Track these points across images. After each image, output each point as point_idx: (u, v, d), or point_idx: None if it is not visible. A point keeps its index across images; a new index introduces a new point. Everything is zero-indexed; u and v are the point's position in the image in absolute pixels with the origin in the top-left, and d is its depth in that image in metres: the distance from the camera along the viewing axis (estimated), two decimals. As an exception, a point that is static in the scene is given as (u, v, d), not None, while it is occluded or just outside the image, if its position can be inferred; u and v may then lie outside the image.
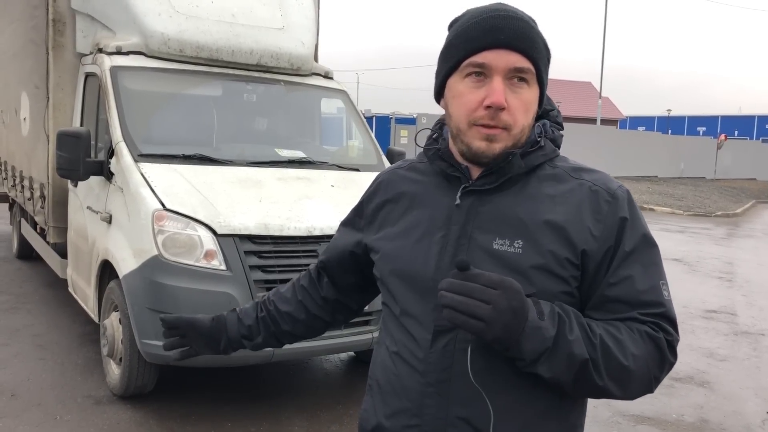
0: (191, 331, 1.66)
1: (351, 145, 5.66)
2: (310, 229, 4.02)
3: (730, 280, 9.43)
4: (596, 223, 1.28)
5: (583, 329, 1.22)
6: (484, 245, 1.30)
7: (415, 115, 21.72)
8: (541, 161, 1.35)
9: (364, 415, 1.46)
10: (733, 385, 5.19)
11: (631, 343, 1.23)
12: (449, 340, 1.29)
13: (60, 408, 4.07)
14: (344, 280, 1.62)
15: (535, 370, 1.21)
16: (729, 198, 24.18)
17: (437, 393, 1.29)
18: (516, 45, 1.26)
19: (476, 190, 1.33)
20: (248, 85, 5.14)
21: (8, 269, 7.64)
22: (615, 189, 1.32)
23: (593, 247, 1.27)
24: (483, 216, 1.32)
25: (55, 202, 5.36)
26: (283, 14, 5.25)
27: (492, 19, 1.28)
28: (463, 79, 1.30)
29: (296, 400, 4.40)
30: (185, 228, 3.84)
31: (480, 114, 1.27)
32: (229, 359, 3.86)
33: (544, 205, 1.30)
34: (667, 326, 1.28)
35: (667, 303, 1.30)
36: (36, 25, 5.65)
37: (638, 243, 1.29)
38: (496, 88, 1.25)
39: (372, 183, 1.57)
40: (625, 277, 1.27)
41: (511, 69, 1.26)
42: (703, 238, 13.92)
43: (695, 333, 6.52)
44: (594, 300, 1.29)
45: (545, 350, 1.18)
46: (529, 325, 1.17)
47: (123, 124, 4.39)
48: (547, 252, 1.26)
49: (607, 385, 1.22)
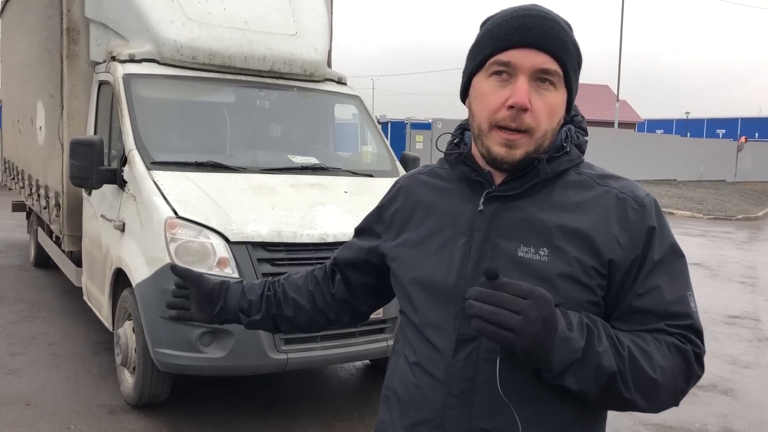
0: (194, 286, 1.62)
1: (365, 151, 5.61)
2: (323, 236, 3.98)
3: (753, 285, 9.25)
4: (623, 232, 1.25)
5: (612, 341, 1.19)
6: (508, 252, 1.26)
7: (430, 121, 21.64)
8: (567, 167, 1.31)
9: (380, 427, 1.43)
10: (758, 393, 5.06)
11: (659, 356, 1.21)
12: (473, 350, 1.26)
13: (74, 417, 4.06)
14: (357, 281, 1.59)
15: (562, 382, 1.17)
16: (750, 201, 23.82)
17: (460, 404, 1.26)
18: (544, 45, 1.22)
19: (500, 195, 1.30)
20: (261, 92, 5.11)
21: (25, 277, 7.68)
22: (642, 197, 1.28)
23: (620, 256, 1.24)
24: (507, 222, 1.28)
25: (69, 210, 5.37)
26: (296, 20, 5.23)
27: (522, 18, 1.24)
28: (488, 78, 1.26)
29: (311, 410, 4.35)
30: (198, 236, 3.81)
31: (502, 115, 1.23)
32: (243, 368, 3.84)
33: (570, 213, 1.27)
34: (694, 338, 1.25)
35: (695, 314, 1.27)
36: (51, 34, 5.68)
37: (666, 253, 1.26)
38: (519, 88, 1.21)
39: (391, 188, 1.53)
40: (653, 287, 1.24)
41: (537, 69, 1.22)
42: (724, 242, 13.70)
43: (717, 339, 6.39)
44: (620, 310, 1.26)
45: (574, 362, 1.15)
46: (559, 336, 1.13)
47: (136, 131, 4.39)
48: (574, 260, 1.23)
49: (635, 398, 1.20)
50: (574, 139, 1.34)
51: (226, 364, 3.73)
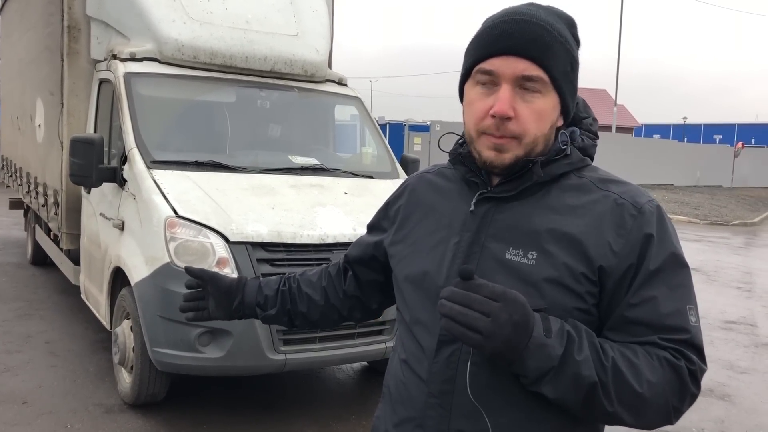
0: (212, 285, 1.64)
1: (365, 152, 5.61)
2: (323, 237, 3.97)
3: (750, 291, 9.27)
4: (617, 238, 1.20)
5: (595, 350, 1.14)
6: (496, 254, 1.25)
7: (428, 123, 21.66)
8: (566, 170, 1.28)
9: (376, 422, 1.45)
10: (755, 398, 5.07)
11: (648, 370, 1.15)
12: (453, 351, 1.24)
13: (71, 416, 4.04)
14: (367, 278, 1.61)
15: (539, 389, 1.15)
16: (746, 207, 23.87)
17: (439, 405, 1.26)
18: (524, 52, 1.21)
19: (494, 197, 1.29)
20: (262, 92, 5.11)
21: (22, 275, 7.66)
22: (642, 203, 1.24)
23: (612, 263, 1.19)
24: (498, 224, 1.27)
25: (68, 208, 5.36)
26: (297, 21, 5.23)
27: (504, 24, 1.23)
28: (474, 86, 1.27)
29: (309, 411, 4.34)
30: (197, 235, 3.80)
31: (487, 123, 1.23)
32: (241, 369, 3.83)
33: (563, 217, 1.24)
34: (690, 354, 1.19)
35: (693, 329, 1.20)
36: (51, 32, 5.67)
37: (665, 262, 1.20)
38: (501, 97, 1.21)
39: (400, 186, 1.55)
40: (648, 298, 1.19)
41: (519, 77, 1.21)
42: (720, 247, 13.73)
43: (714, 344, 6.40)
44: (612, 320, 1.22)
45: (550, 369, 1.12)
46: (534, 342, 1.10)
47: (136, 130, 4.38)
48: (562, 265, 1.20)
49: (618, 412, 1.14)
50: (578, 142, 1.31)
51: (224, 364, 3.72)
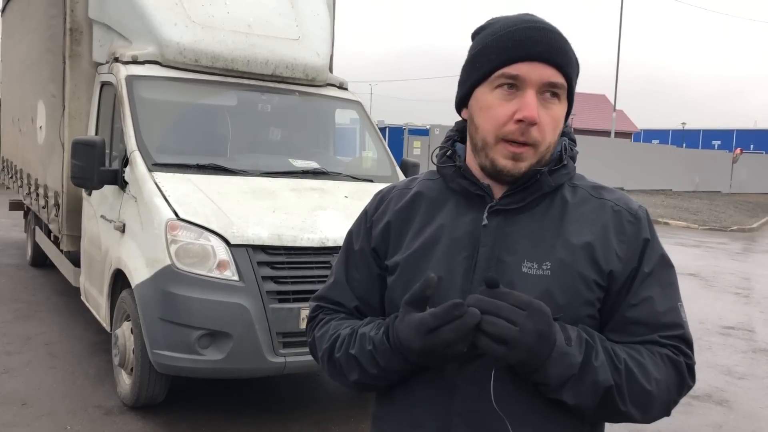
0: None
1: (365, 156, 5.63)
2: (323, 241, 3.99)
3: (747, 296, 9.29)
4: (620, 244, 1.26)
5: (608, 354, 1.19)
6: (512, 267, 1.24)
7: (428, 126, 21.69)
8: (565, 180, 1.31)
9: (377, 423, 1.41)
10: (753, 404, 5.08)
11: (654, 368, 1.21)
12: (477, 367, 1.22)
13: (70, 418, 4.05)
14: None
15: (560, 396, 1.17)
16: (745, 212, 23.91)
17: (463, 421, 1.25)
18: (552, 59, 1.22)
19: (502, 209, 1.28)
20: (263, 96, 5.13)
21: (22, 277, 7.66)
22: (636, 209, 1.30)
23: (618, 268, 1.25)
24: (510, 237, 1.26)
25: (69, 210, 5.37)
26: (299, 25, 5.25)
27: (528, 30, 1.23)
28: (493, 91, 1.24)
29: (308, 413, 4.35)
30: (198, 238, 3.82)
31: (510, 128, 1.22)
32: (241, 371, 3.84)
33: (571, 226, 1.27)
34: (686, 349, 1.27)
35: (685, 324, 1.28)
36: (53, 34, 5.69)
37: (657, 264, 1.28)
38: (529, 102, 1.20)
39: (375, 197, 1.45)
40: (645, 298, 1.25)
41: (544, 83, 1.22)
42: (718, 252, 13.75)
43: (712, 350, 6.41)
44: (614, 321, 1.27)
45: (571, 376, 1.15)
46: (557, 351, 1.13)
47: (138, 133, 4.39)
48: (576, 274, 1.23)
49: (630, 410, 1.20)
50: (569, 152, 1.33)
51: (224, 366, 3.73)
